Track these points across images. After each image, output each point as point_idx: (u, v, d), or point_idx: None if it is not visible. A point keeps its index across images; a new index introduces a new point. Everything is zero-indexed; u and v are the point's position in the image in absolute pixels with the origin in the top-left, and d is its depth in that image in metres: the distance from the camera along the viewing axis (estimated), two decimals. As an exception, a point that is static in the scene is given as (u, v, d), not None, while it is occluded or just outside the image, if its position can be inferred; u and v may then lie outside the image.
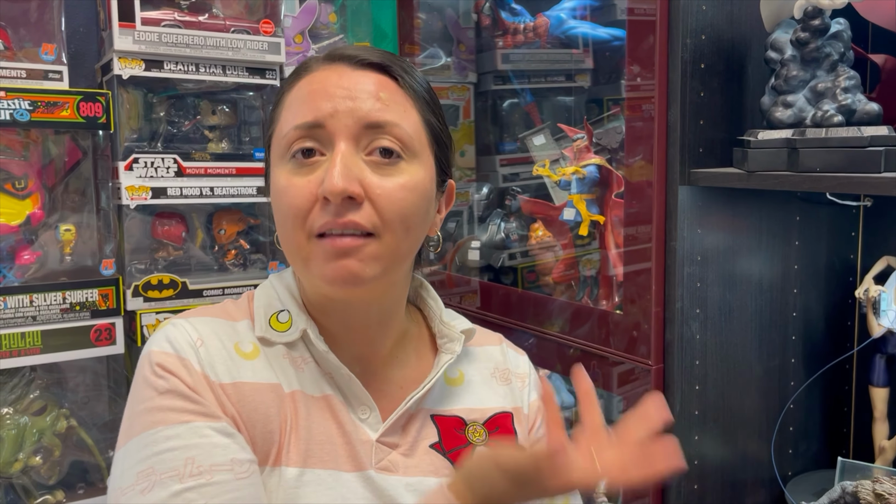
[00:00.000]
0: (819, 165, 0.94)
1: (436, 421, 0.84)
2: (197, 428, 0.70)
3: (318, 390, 0.78)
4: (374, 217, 0.73)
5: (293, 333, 0.79)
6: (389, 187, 0.74)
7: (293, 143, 0.75)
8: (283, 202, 0.75)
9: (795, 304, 1.24)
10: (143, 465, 0.68)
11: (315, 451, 0.76)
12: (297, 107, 0.76)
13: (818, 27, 0.97)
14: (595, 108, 1.69)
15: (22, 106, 1.27)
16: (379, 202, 0.73)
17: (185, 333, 0.75)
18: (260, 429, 0.74)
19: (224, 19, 1.47)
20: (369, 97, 0.75)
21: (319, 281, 0.75)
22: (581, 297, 1.42)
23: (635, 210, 1.14)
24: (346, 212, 0.72)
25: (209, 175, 1.46)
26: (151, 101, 1.48)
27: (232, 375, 0.75)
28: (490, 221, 1.68)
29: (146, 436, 0.70)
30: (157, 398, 0.71)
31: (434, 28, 1.79)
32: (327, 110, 0.74)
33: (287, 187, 0.74)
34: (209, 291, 1.47)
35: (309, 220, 0.73)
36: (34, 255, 1.36)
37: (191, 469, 0.68)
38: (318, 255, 0.74)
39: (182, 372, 0.72)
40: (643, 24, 1.09)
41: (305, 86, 0.77)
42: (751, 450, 1.22)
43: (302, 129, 0.74)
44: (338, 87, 0.75)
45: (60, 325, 1.33)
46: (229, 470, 0.69)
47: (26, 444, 1.35)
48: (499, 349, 0.94)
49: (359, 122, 0.74)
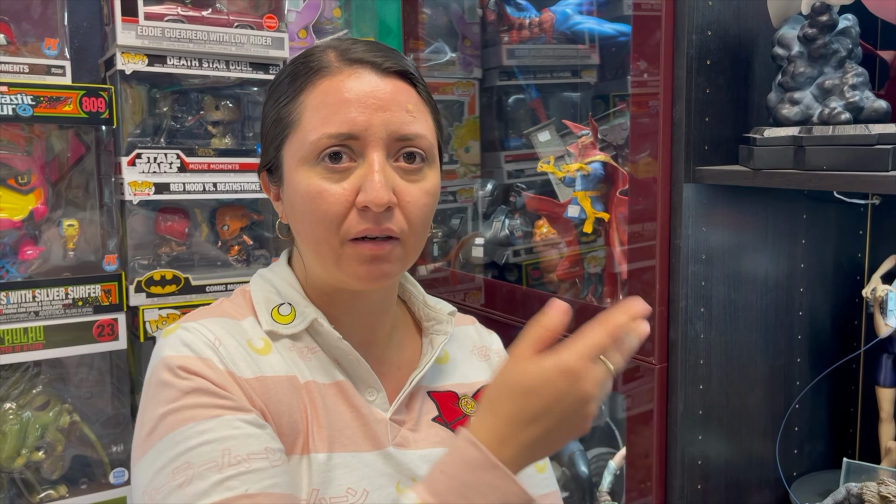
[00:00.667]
0: (826, 163, 0.93)
1: (433, 397, 0.88)
2: (228, 420, 0.71)
3: (328, 378, 0.81)
4: (403, 223, 0.77)
5: (299, 325, 0.81)
6: (416, 194, 0.78)
7: (324, 150, 0.76)
8: (318, 207, 0.76)
9: (801, 303, 1.23)
10: (179, 462, 0.68)
11: (336, 436, 0.78)
12: (328, 114, 0.76)
13: (826, 23, 0.96)
14: (601, 104, 1.68)
15: (25, 101, 1.26)
16: (408, 209, 0.77)
17: (201, 335, 0.76)
18: (286, 419, 0.76)
19: (227, 14, 1.46)
20: (399, 109, 0.77)
21: (351, 279, 0.78)
22: (585, 295, 1.41)
23: (640, 208, 1.13)
24: (383, 220, 0.75)
25: (212, 171, 1.45)
26: (155, 96, 1.48)
27: (253, 370, 0.76)
28: (494, 218, 1.67)
29: (176, 434, 0.70)
30: (183, 398, 0.71)
31: (439, 23, 1.78)
32: (362, 123, 0.75)
33: (321, 192, 0.76)
34: (212, 287, 1.47)
35: (345, 225, 0.76)
36: (37, 251, 1.36)
37: (228, 459, 0.68)
38: (351, 258, 0.77)
39: (206, 371, 0.73)
40: (649, 20, 1.08)
41: (333, 91, 0.77)
42: (755, 450, 1.21)
43: (336, 138, 0.75)
44: (370, 97, 0.76)
45: (63, 321, 1.34)
46: (265, 458, 0.70)
47: (29, 440, 1.35)
48: (473, 328, 1.00)
49: (392, 135, 0.76)
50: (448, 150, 1.80)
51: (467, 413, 0.89)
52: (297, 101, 0.79)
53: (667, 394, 1.13)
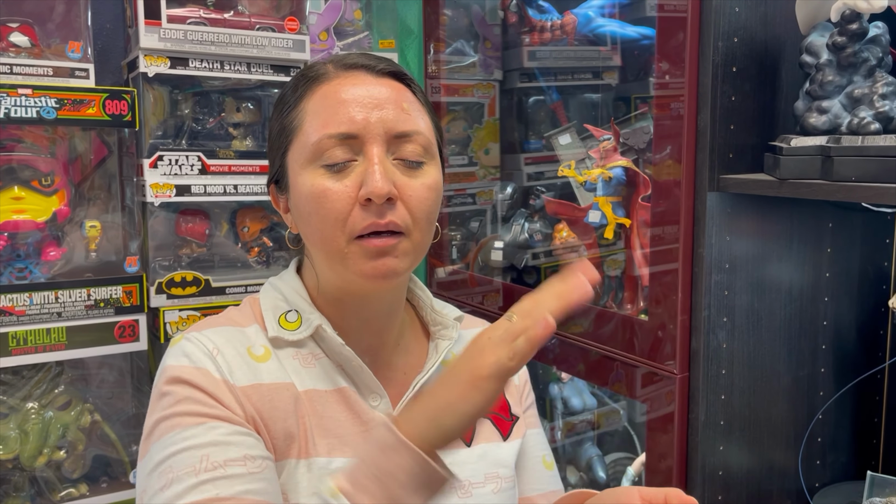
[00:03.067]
0: (854, 174, 0.91)
1: None
2: (212, 427, 0.73)
3: (331, 384, 0.82)
4: (407, 217, 0.78)
5: (305, 331, 0.83)
6: (417, 188, 0.79)
7: (326, 151, 0.78)
8: (322, 206, 0.78)
9: (826, 312, 1.22)
10: (163, 466, 0.72)
11: (336, 443, 0.80)
12: (327, 116, 0.79)
13: (856, 31, 0.95)
14: (622, 106, 1.67)
15: (48, 104, 1.27)
16: (410, 202, 0.78)
17: (201, 345, 0.79)
18: (280, 425, 0.78)
19: (249, 17, 1.46)
20: (395, 107, 0.80)
21: (357, 277, 0.79)
22: (605, 301, 1.41)
23: (662, 215, 1.12)
24: (386, 212, 0.77)
25: (233, 173, 1.46)
26: (176, 97, 1.48)
27: (249, 378, 0.78)
28: (514, 221, 1.66)
29: (165, 439, 0.73)
30: (174, 405, 0.75)
31: (460, 25, 1.77)
32: (360, 121, 0.78)
33: (325, 191, 0.77)
34: (232, 289, 1.47)
35: (350, 222, 0.77)
36: (60, 252, 1.37)
37: (206, 465, 0.71)
38: (357, 255, 0.78)
39: (201, 380, 0.76)
40: (674, 24, 1.07)
41: (331, 94, 0.80)
42: (777, 461, 1.20)
43: (336, 138, 0.78)
44: (366, 96, 0.79)
45: (85, 322, 1.34)
46: (242, 465, 0.72)
47: (51, 439, 1.36)
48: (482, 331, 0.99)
49: (389, 132, 0.79)
50: (467, 152, 1.80)
51: None
52: (298, 109, 0.82)
53: (688, 403, 1.12)
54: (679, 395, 1.11)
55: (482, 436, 0.90)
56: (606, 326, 1.25)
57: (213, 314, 0.89)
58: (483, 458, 0.88)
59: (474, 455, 0.88)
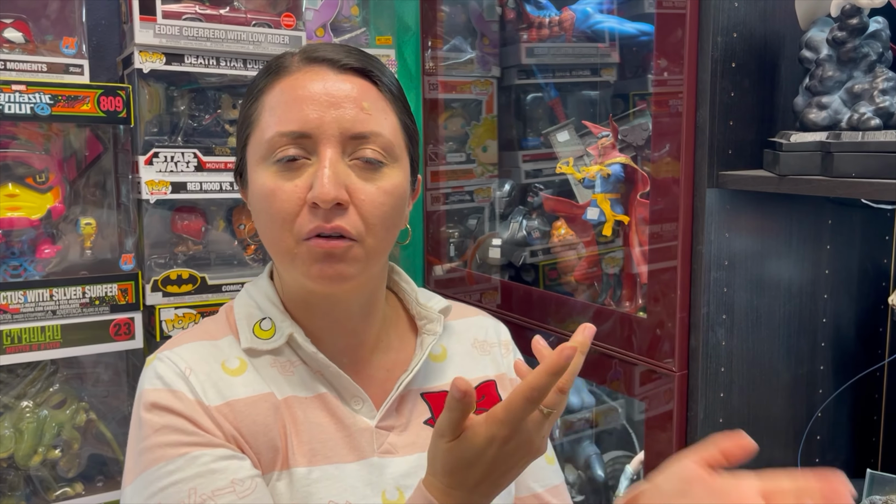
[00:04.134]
0: (855, 170, 0.91)
1: (426, 398, 0.87)
2: (195, 457, 0.73)
3: (310, 390, 0.81)
4: (359, 223, 0.76)
5: (278, 339, 0.81)
6: (373, 192, 0.77)
7: (277, 149, 0.76)
8: (271, 206, 0.76)
9: (825, 309, 1.21)
10: (151, 502, 0.71)
11: (318, 449, 0.79)
12: (282, 112, 0.77)
13: (856, 26, 0.94)
14: (620, 103, 1.66)
15: (43, 100, 1.26)
16: (363, 207, 0.76)
17: (173, 365, 0.77)
18: (262, 439, 0.77)
19: (245, 12, 1.45)
20: (353, 106, 0.77)
21: (306, 279, 0.77)
22: (604, 298, 1.40)
23: (661, 212, 1.11)
24: (333, 217, 0.75)
25: (229, 170, 1.45)
26: (172, 94, 1.47)
27: (224, 396, 0.77)
28: (512, 219, 1.65)
29: (149, 474, 0.72)
30: (153, 436, 0.74)
31: (457, 21, 1.76)
32: (313, 120, 0.75)
33: (274, 190, 0.76)
34: (228, 287, 1.46)
35: (297, 223, 0.75)
36: (55, 249, 1.36)
37: (194, 498, 0.71)
38: (304, 256, 0.76)
39: (176, 404, 0.75)
40: (673, 22, 1.06)
41: (288, 90, 0.78)
42: (776, 459, 1.19)
43: (288, 136, 0.76)
44: (322, 94, 0.76)
45: (80, 320, 1.34)
46: (231, 492, 0.72)
47: (46, 438, 1.36)
48: (476, 320, 0.98)
49: (345, 132, 0.76)
50: (465, 149, 1.79)
51: None
52: (258, 102, 0.80)
53: (687, 401, 1.11)
54: (678, 392, 1.10)
55: None
56: (605, 324, 1.24)
57: (209, 313, 0.88)
58: None
59: None
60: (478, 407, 0.89)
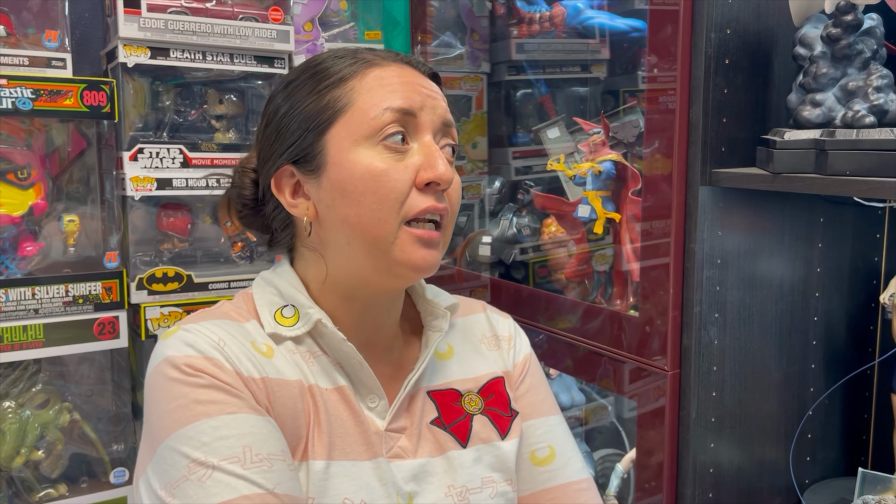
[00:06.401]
0: (849, 168, 0.90)
1: (432, 397, 0.86)
2: (244, 419, 0.69)
3: (330, 382, 0.79)
4: (448, 206, 0.78)
5: (302, 326, 0.79)
6: (457, 181, 0.81)
7: (385, 126, 0.76)
8: (382, 185, 0.75)
9: (817, 307, 1.21)
10: (196, 455, 0.66)
11: (337, 443, 0.77)
12: (387, 93, 0.77)
13: (851, 22, 0.93)
14: (611, 100, 1.65)
15: (24, 94, 1.24)
16: (452, 195, 0.79)
17: (204, 336, 0.73)
18: (290, 424, 0.75)
19: (232, 6, 1.43)
20: (441, 99, 0.81)
21: (401, 266, 0.76)
22: (595, 296, 1.39)
23: (653, 210, 1.10)
24: (442, 198, 0.77)
25: (216, 166, 1.43)
26: (157, 89, 1.45)
27: (259, 371, 0.74)
28: (502, 216, 1.64)
29: (190, 429, 0.68)
30: (195, 392, 0.69)
31: (447, 16, 1.74)
32: (419, 102, 0.78)
33: (387, 170, 0.75)
34: (215, 285, 1.45)
35: (407, 204, 0.75)
36: (37, 247, 1.34)
37: (250, 456, 0.67)
38: (406, 242, 0.76)
39: (214, 370, 0.71)
40: (666, 17, 1.05)
41: (388, 76, 0.79)
42: (768, 457, 1.19)
43: (397, 112, 0.76)
44: (420, 86, 0.80)
45: (63, 319, 1.31)
46: (283, 460, 0.70)
47: (28, 438, 1.33)
48: (483, 316, 0.97)
49: (439, 119, 0.80)
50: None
51: (470, 412, 0.87)
52: (346, 87, 0.78)
53: (679, 401, 1.11)
54: (670, 392, 1.10)
55: (478, 436, 0.86)
56: (595, 322, 1.23)
57: (195, 311, 0.84)
58: (479, 461, 0.84)
59: (470, 458, 0.84)
60: (485, 406, 0.88)
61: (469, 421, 0.86)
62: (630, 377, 1.18)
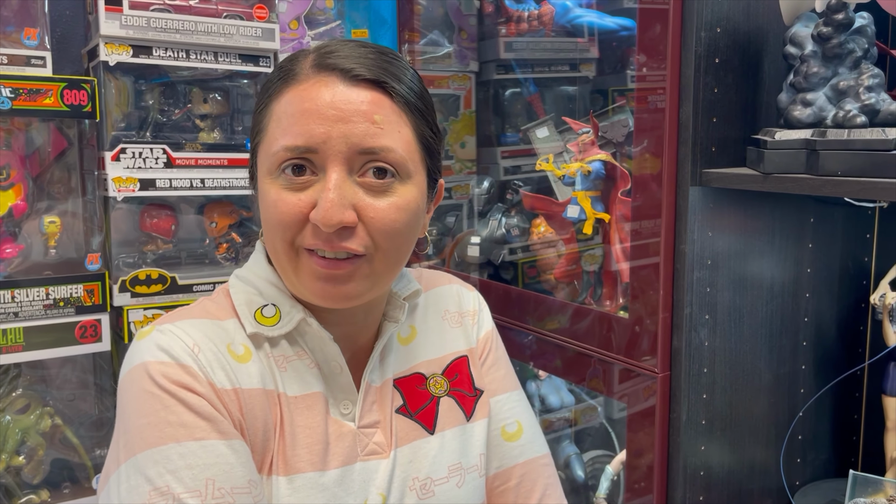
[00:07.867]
0: (840, 168, 0.89)
1: (397, 385, 0.84)
2: (211, 446, 0.68)
3: (301, 389, 0.77)
4: (367, 239, 0.73)
5: (285, 325, 0.77)
6: (383, 209, 0.73)
7: (283, 163, 0.72)
8: (273, 216, 0.73)
9: (807, 308, 1.20)
10: (159, 482, 0.66)
11: (301, 454, 0.75)
12: (288, 125, 0.72)
13: (842, 21, 0.92)
14: (599, 99, 1.64)
15: (3, 93, 1.21)
16: (372, 225, 0.72)
17: (178, 340, 0.72)
18: (260, 437, 0.73)
19: (216, 4, 1.41)
20: (363, 120, 0.72)
21: (311, 296, 0.75)
22: (584, 297, 1.38)
23: (643, 210, 1.09)
24: (338, 240, 0.71)
25: (200, 166, 1.40)
26: (140, 88, 1.43)
27: (231, 381, 0.73)
28: (490, 216, 1.63)
29: (156, 452, 0.67)
30: (166, 411, 0.68)
31: (435, 14, 1.73)
32: (320, 136, 0.71)
33: (277, 202, 0.72)
34: (199, 287, 1.42)
35: (299, 238, 0.73)
36: (17, 249, 1.31)
37: (212, 491, 0.67)
38: (307, 270, 0.73)
39: (188, 381, 0.70)
40: (655, 16, 1.04)
41: (296, 101, 0.73)
42: (758, 459, 1.18)
43: (293, 151, 0.72)
44: (330, 108, 0.71)
45: (44, 322, 1.29)
46: (248, 493, 0.69)
47: (9, 444, 1.31)
48: (449, 288, 0.95)
49: (352, 148, 0.71)
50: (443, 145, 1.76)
51: (435, 395, 0.85)
52: (267, 110, 0.76)
53: (669, 403, 1.10)
54: (660, 394, 1.09)
55: (445, 419, 0.85)
56: (584, 323, 1.22)
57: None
58: (445, 448, 0.83)
59: (436, 445, 0.83)
60: (451, 388, 0.87)
61: (435, 405, 0.85)
62: (620, 378, 1.16)
